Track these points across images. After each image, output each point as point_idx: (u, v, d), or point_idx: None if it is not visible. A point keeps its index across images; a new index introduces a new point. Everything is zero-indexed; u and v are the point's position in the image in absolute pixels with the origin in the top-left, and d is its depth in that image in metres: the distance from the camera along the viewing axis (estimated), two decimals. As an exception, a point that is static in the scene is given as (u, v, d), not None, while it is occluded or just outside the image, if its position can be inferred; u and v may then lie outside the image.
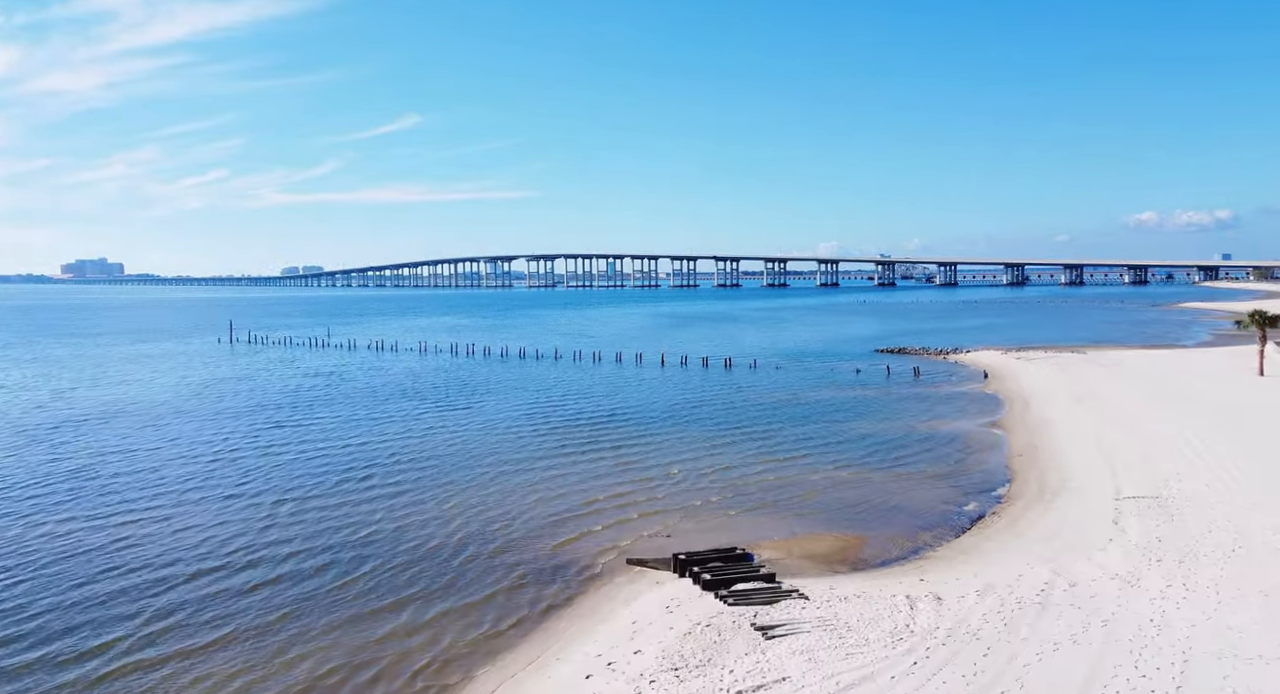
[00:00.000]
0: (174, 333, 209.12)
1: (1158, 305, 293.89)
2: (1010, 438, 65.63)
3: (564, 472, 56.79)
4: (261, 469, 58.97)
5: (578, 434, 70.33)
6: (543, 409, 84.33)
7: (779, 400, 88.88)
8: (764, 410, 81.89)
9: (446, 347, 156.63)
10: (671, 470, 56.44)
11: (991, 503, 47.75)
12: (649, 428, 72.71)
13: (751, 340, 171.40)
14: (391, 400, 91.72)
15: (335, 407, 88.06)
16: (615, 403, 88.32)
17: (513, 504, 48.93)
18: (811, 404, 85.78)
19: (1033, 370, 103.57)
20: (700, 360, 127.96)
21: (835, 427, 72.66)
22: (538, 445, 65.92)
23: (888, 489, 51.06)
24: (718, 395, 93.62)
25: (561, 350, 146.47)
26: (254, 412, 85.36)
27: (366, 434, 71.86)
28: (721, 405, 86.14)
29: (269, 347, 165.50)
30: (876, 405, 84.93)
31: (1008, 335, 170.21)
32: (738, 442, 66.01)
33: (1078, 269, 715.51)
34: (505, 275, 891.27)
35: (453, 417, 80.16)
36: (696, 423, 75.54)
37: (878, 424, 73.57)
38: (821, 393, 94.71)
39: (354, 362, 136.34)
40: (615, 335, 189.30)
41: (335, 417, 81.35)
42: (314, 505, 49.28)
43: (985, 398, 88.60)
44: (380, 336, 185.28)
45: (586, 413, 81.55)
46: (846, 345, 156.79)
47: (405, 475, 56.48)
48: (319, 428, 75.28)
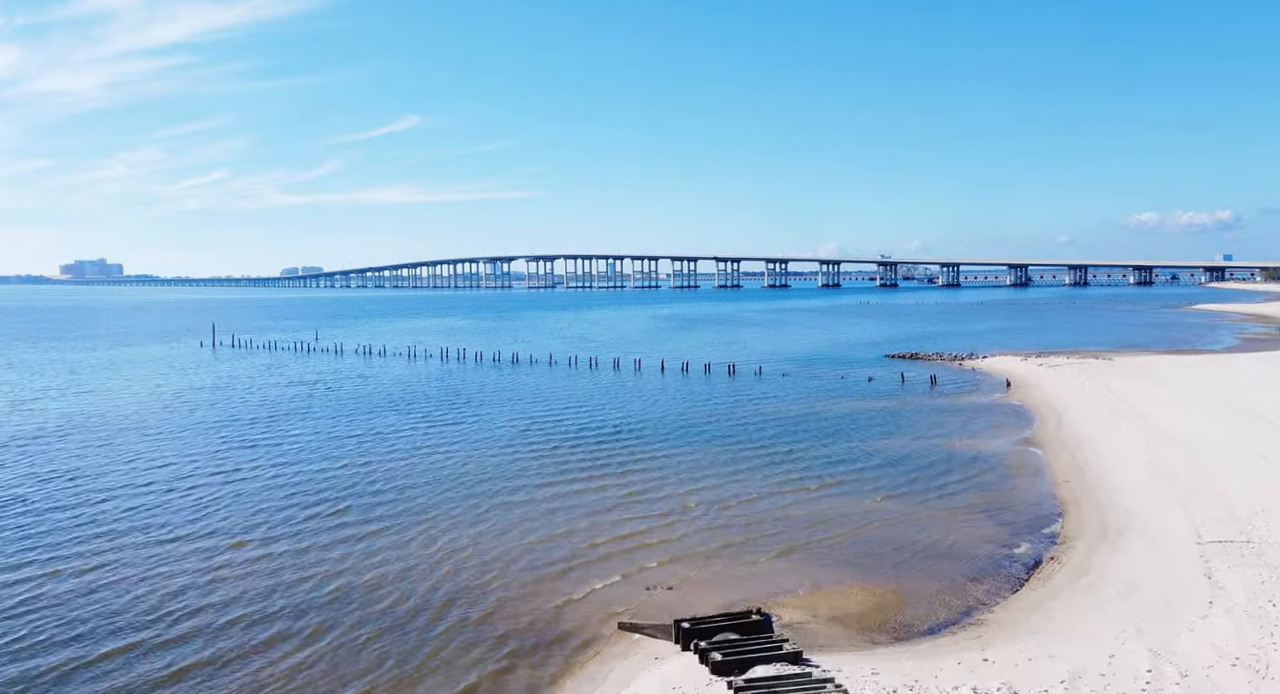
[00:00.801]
0: (159, 336, 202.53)
1: (1170, 307, 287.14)
2: (1050, 459, 59.02)
3: (564, 504, 49.91)
4: (220, 501, 52.19)
5: (579, 455, 63.47)
6: (540, 424, 77.53)
7: (789, 413, 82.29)
8: (774, 426, 75.26)
9: (438, 352, 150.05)
10: (683, 502, 49.69)
11: (1046, 544, 41.15)
12: (653, 447, 65.90)
13: (755, 344, 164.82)
14: (376, 414, 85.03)
15: (314, 421, 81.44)
16: (617, 417, 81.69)
17: (506, 547, 42.11)
18: (824, 418, 79.17)
19: (1058, 379, 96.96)
20: (703, 366, 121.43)
21: (853, 445, 66.03)
22: (535, 470, 58.94)
23: (920, 525, 44.47)
24: (723, 408, 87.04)
25: (558, 356, 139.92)
26: (224, 427, 78.73)
27: (346, 455, 65.09)
28: (728, 420, 79.56)
29: (252, 351, 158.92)
30: (895, 419, 78.33)
31: (1023, 339, 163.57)
32: (749, 465, 59.23)
33: (1082, 270, 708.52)
34: (505, 276, 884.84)
35: (441, 434, 73.31)
36: (703, 441, 68.88)
37: (899, 442, 66.95)
38: (834, 404, 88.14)
39: (339, 368, 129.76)
40: (615, 339, 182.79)
41: (313, 434, 74.60)
42: (274, 551, 42.19)
43: (1012, 410, 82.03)
44: (370, 341, 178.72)
45: (587, 429, 74.65)
46: (854, 350, 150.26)
47: (385, 509, 49.52)
48: (293, 447, 68.56)
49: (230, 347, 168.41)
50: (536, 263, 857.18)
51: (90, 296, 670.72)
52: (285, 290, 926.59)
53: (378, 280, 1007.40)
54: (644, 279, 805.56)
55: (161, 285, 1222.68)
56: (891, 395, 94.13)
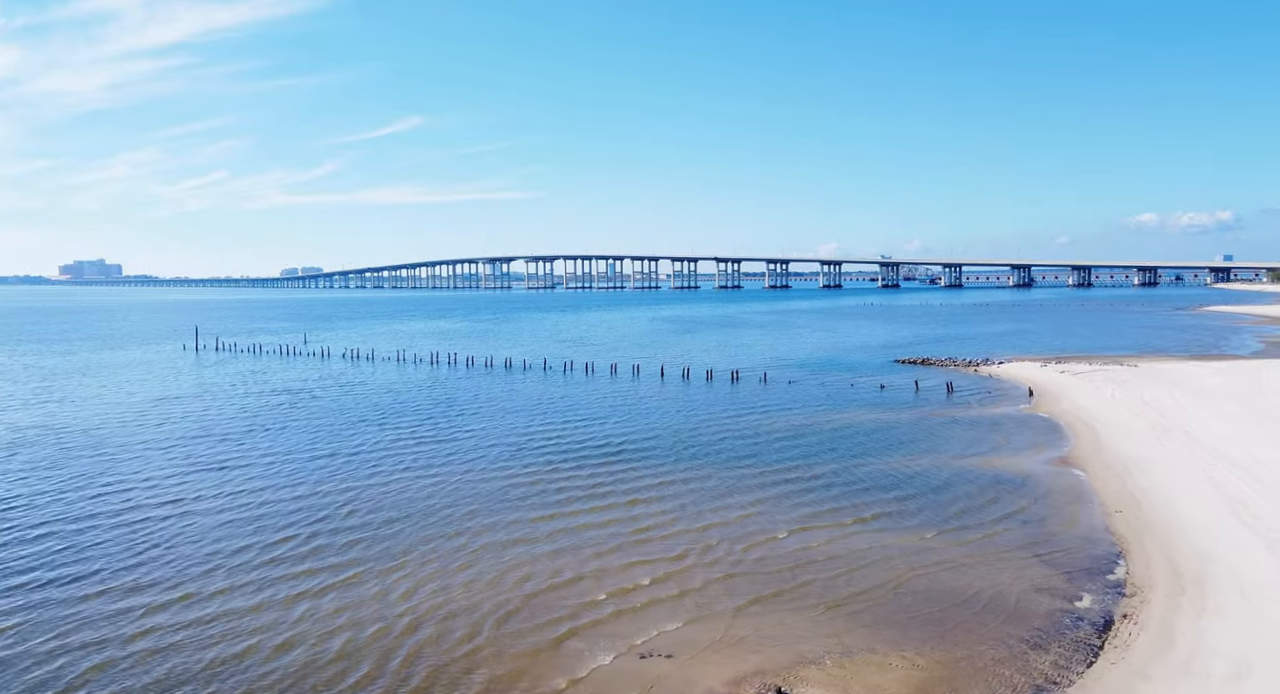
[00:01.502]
0: (145, 339, 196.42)
1: (1181, 309, 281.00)
2: (1095, 483, 52.98)
3: (567, 542, 43.61)
4: (171, 539, 45.85)
5: (580, 479, 57.10)
6: (537, 441, 71.19)
7: (798, 427, 76.23)
8: (786, 444, 69.06)
9: (428, 356, 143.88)
10: (699, 540, 43.59)
11: (1112, 595, 35.12)
12: (662, 470, 59.51)
13: (758, 348, 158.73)
14: (359, 428, 78.77)
15: (291, 436, 75.33)
16: (620, 432, 75.53)
17: (500, 599, 36.08)
18: (839, 433, 73.07)
19: (1085, 387, 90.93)
20: (705, 373, 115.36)
21: (871, 466, 59.93)
22: (533, 497, 52.61)
23: (962, 570, 38.42)
24: (731, 421, 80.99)
25: (555, 361, 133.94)
26: (192, 444, 72.61)
27: (322, 478, 58.87)
28: (737, 436, 73.48)
29: (236, 355, 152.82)
30: (913, 434, 72.30)
31: (1037, 343, 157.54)
32: (767, 494, 52.87)
33: (1086, 270, 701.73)
34: (504, 277, 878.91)
35: (429, 452, 67.05)
36: (715, 463, 62.62)
37: (921, 461, 60.88)
38: (845, 416, 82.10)
39: (324, 375, 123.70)
40: (615, 342, 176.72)
41: (288, 452, 68.38)
42: (224, 609, 35.65)
43: (1039, 423, 75.98)
44: (359, 344, 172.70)
45: (588, 447, 68.24)
46: (861, 354, 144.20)
47: (361, 548, 43.16)
48: (264, 469, 62.32)
49: (214, 350, 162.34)
50: (536, 263, 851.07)
51: (86, 297, 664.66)
52: (284, 291, 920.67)
53: (376, 281, 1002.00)
54: (644, 280, 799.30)
55: (161, 286, 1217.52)
56: (907, 406, 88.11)
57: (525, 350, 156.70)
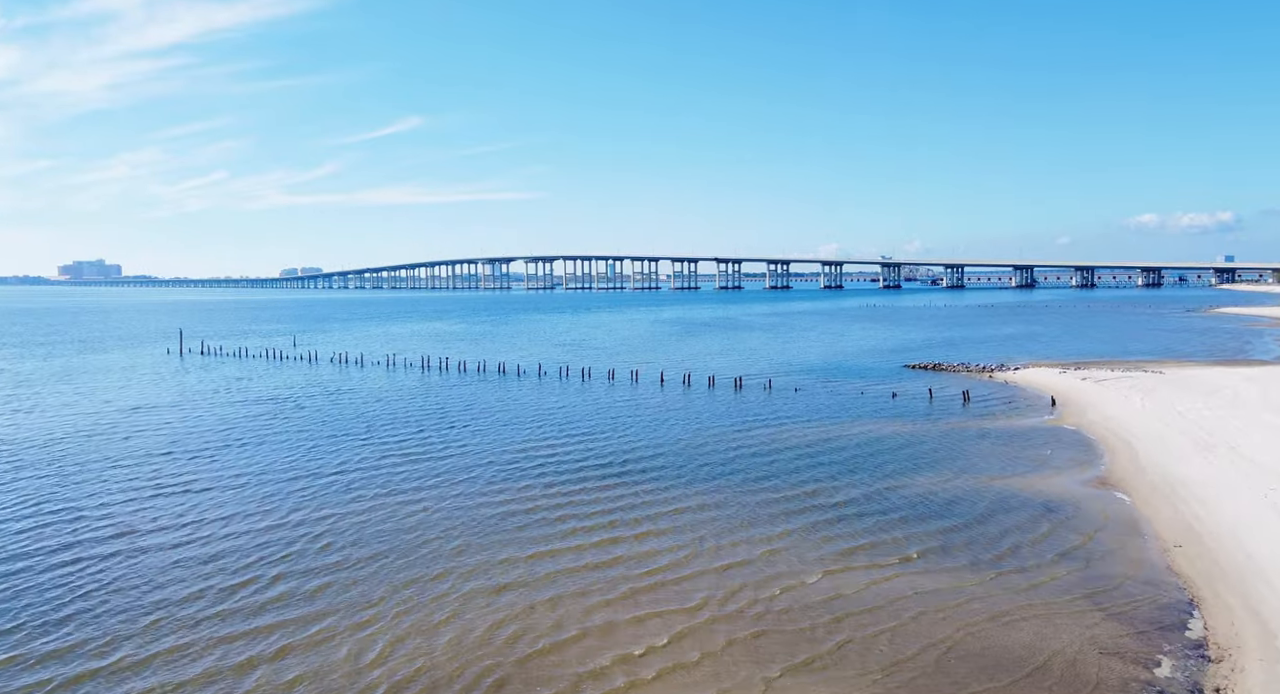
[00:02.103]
0: (131, 341, 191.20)
1: (1192, 311, 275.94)
2: (1144, 509, 47.76)
3: (568, 587, 38.01)
4: (109, 578, 40.48)
5: (580, 506, 51.31)
6: (532, 457, 65.66)
7: (812, 442, 70.98)
8: (799, 461, 63.67)
9: (419, 361, 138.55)
10: (720, 584, 38.16)
11: (1195, 660, 29.86)
12: (669, 494, 53.86)
13: (761, 352, 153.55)
14: (342, 442, 73.32)
15: (268, 453, 70.00)
16: (622, 447, 70.15)
17: (489, 664, 30.86)
18: (856, 449, 67.75)
19: (1111, 396, 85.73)
20: (707, 380, 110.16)
21: (900, 490, 54.39)
22: (529, 528, 46.94)
23: (1015, 625, 33.05)
24: (737, 434, 75.82)
25: (551, 366, 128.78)
26: (159, 460, 67.31)
27: (295, 502, 53.45)
28: (746, 452, 68.21)
29: (221, 360, 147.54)
30: (937, 450, 67.06)
31: (1051, 347, 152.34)
32: (782, 525, 47.08)
33: (1089, 271, 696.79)
34: (504, 277, 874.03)
35: (415, 472, 61.42)
36: (727, 485, 57.10)
37: (952, 484, 55.60)
38: (860, 428, 76.90)
39: (310, 381, 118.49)
40: (616, 346, 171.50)
41: (262, 472, 62.91)
42: (154, 680, 30.23)
43: (1067, 436, 70.78)
44: (351, 348, 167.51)
45: (588, 465, 62.73)
46: (869, 358, 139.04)
47: (332, 595, 37.34)
48: (233, 491, 56.86)
49: (199, 354, 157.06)
50: (535, 264, 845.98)
51: (82, 298, 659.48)
52: (283, 291, 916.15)
53: (375, 281, 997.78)
54: (644, 280, 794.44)
55: (160, 286, 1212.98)
56: (922, 416, 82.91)
57: (522, 354, 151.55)
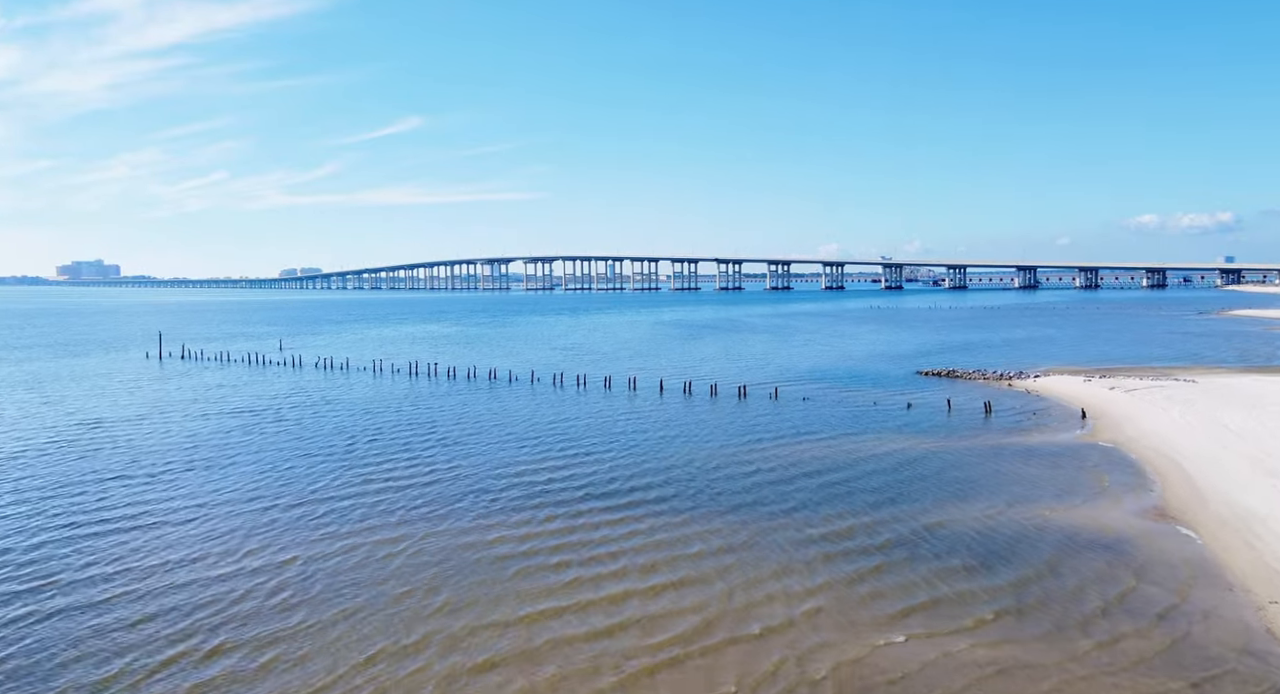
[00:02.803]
0: (112, 344, 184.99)
1: (1205, 313, 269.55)
2: (1216, 550, 41.53)
3: (572, 657, 31.78)
4: (14, 647, 34.65)
5: (577, 544, 45.02)
6: (524, 481, 59.27)
7: (829, 463, 64.77)
8: (821, 487, 57.12)
9: (409, 367, 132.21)
10: (753, 651, 32.07)
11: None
12: (677, 529, 47.39)
13: (764, 356, 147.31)
14: (316, 465, 66.73)
15: (235, 474, 63.81)
16: (620, 468, 63.98)
17: None
18: (876, 471, 61.52)
19: (1146, 408, 79.55)
20: (709, 388, 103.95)
21: (935, 524, 47.69)
22: (521, 571, 40.70)
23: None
24: (747, 452, 69.72)
25: (546, 373, 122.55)
26: (111, 484, 60.97)
27: (256, 541, 46.66)
28: (759, 473, 62.12)
29: (201, 364, 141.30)
30: (963, 470, 60.88)
31: (1068, 352, 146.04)
32: (821, 574, 40.41)
33: (1093, 272, 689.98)
34: (503, 278, 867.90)
35: (395, 501, 54.73)
36: (739, 514, 51.13)
37: (991, 515, 49.32)
38: (877, 445, 70.75)
39: (293, 389, 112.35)
40: (615, 350, 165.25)
41: (225, 500, 56.50)
42: None
43: (1105, 455, 64.57)
44: (340, 351, 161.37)
45: (591, 491, 56.23)
46: (877, 364, 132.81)
47: (275, 674, 30.87)
48: (187, 526, 50.29)
49: (180, 358, 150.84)
50: (535, 264, 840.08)
51: (78, 298, 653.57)
52: (281, 292, 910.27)
53: (374, 282, 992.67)
54: (644, 281, 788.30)
55: (158, 287, 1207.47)
56: (941, 430, 76.74)
57: (516, 360, 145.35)
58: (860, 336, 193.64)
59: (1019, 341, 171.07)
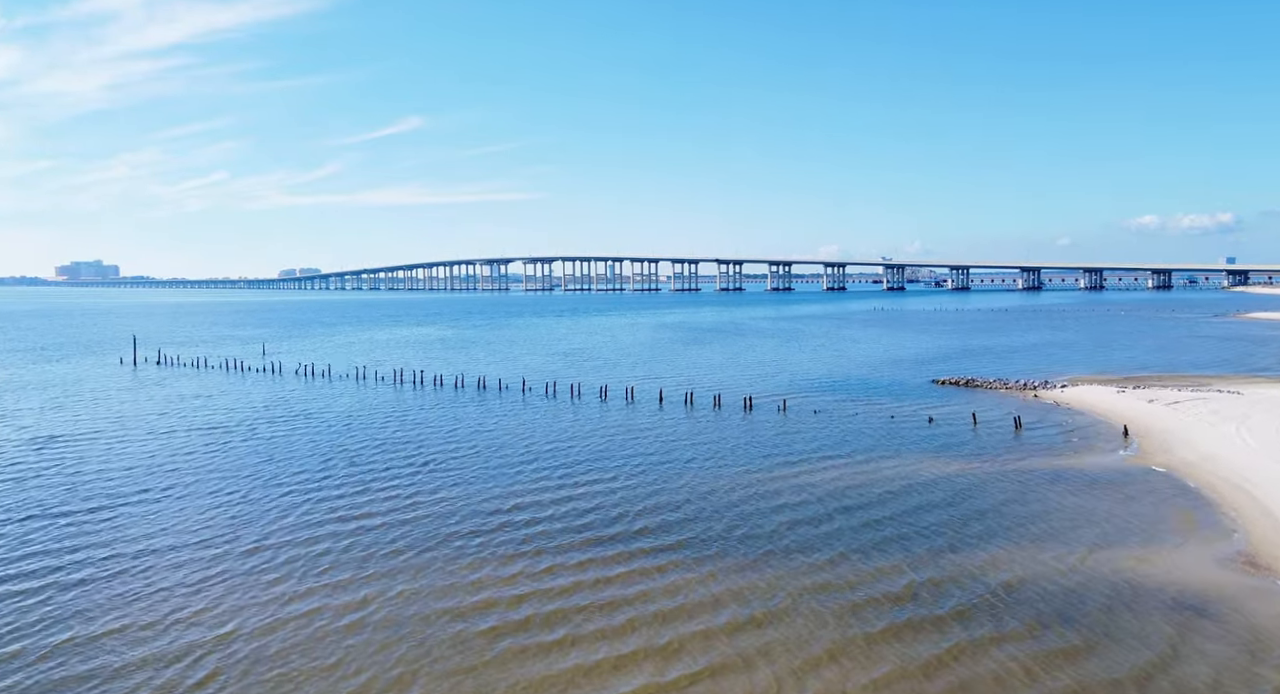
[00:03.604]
0: (90, 348, 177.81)
1: (1220, 316, 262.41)
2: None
3: None
4: None
5: (580, 606, 37.91)
6: (513, 524, 51.18)
7: (852, 493, 57.65)
8: (846, 528, 49.72)
9: (395, 375, 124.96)
10: None
11: None
12: (695, 584, 40.32)
13: (770, 363, 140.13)
14: (282, 493, 59.28)
15: (189, 507, 56.53)
16: (622, 499, 56.95)
17: None
18: (907, 502, 54.32)
19: (1193, 424, 72.46)
20: (712, 399, 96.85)
21: (989, 579, 40.31)
22: (511, 662, 33.03)
23: None
24: (761, 479, 62.67)
25: (537, 381, 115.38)
26: (39, 524, 53.63)
27: (198, 602, 39.17)
28: (779, 505, 55.05)
29: (176, 370, 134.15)
30: (1014, 505, 53.67)
31: (1092, 359, 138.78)
32: (868, 655, 33.18)
33: (1098, 273, 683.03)
34: (503, 278, 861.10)
35: (360, 546, 47.14)
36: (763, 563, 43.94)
37: (1053, 564, 42.06)
38: (901, 468, 63.68)
39: (269, 401, 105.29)
40: (616, 355, 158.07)
41: (171, 543, 48.82)
42: None
43: (1162, 482, 57.42)
44: (327, 356, 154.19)
45: (584, 528, 49.31)
46: (889, 371, 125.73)
47: None
48: (116, 581, 42.95)
49: (155, 364, 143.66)
50: (534, 265, 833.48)
51: (74, 299, 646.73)
52: (280, 293, 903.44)
53: (374, 282, 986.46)
54: (644, 282, 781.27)
55: (157, 287, 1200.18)
56: (973, 451, 69.63)
57: (512, 366, 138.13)
58: (867, 341, 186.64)
59: (1035, 347, 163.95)
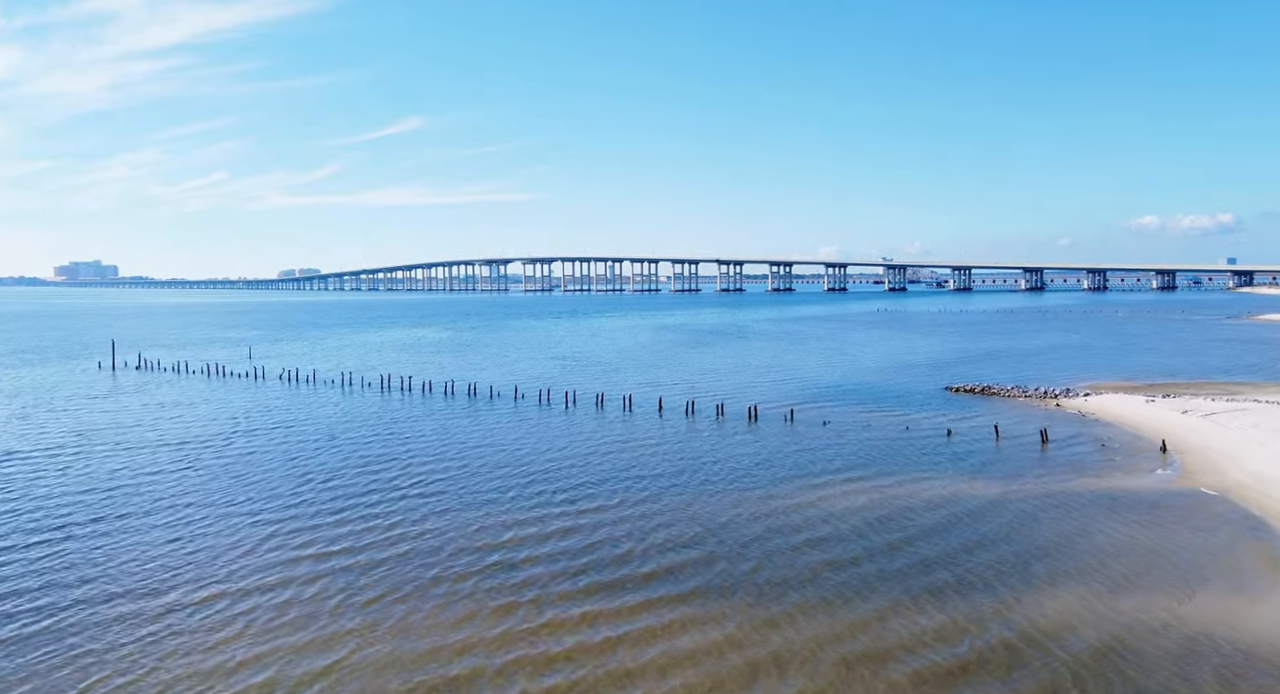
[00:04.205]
0: (71, 351, 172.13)
1: (1234, 318, 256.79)
2: None
3: None
4: None
5: (589, 677, 32.38)
6: (509, 557, 45.92)
7: (871, 518, 52.21)
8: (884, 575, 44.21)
9: (382, 381, 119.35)
10: None
11: None
12: (719, 660, 35.65)
13: (774, 367, 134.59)
14: (248, 523, 53.66)
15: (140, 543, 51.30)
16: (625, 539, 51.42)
17: None
18: (939, 537, 48.63)
19: (1237, 439, 66.93)
20: (715, 408, 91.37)
21: (1036, 625, 35.12)
22: None
23: None
24: (771, 508, 57.18)
25: (530, 389, 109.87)
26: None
27: (125, 658, 34.19)
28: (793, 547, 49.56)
29: (156, 376, 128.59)
30: (1048, 534, 48.19)
31: (1112, 363, 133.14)
32: None
33: (1101, 274, 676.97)
34: (502, 279, 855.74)
35: (335, 592, 41.34)
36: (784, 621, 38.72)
37: (1109, 609, 36.58)
38: (925, 490, 58.19)
39: (249, 409, 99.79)
40: (616, 360, 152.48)
41: (108, 590, 43.92)
42: None
43: (1219, 509, 51.85)
44: (310, 362, 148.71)
45: (589, 573, 43.32)
46: (900, 376, 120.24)
47: None
48: (49, 636, 38.06)
49: (135, 368, 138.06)
50: (534, 265, 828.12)
51: (70, 299, 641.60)
52: (278, 293, 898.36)
53: (373, 283, 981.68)
54: (643, 282, 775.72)
55: (156, 288, 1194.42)
56: (998, 468, 64.15)
57: (508, 371, 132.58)
58: (873, 344, 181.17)
59: (1048, 350, 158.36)
